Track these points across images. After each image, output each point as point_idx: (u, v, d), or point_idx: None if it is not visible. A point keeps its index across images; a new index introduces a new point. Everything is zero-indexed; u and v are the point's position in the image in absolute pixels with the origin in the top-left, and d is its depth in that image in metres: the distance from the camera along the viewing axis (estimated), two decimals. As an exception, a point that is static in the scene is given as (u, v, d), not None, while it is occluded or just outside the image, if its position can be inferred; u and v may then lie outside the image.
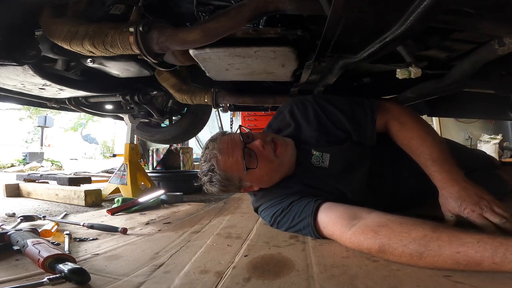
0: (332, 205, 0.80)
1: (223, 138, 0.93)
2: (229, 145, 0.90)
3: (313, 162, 0.96)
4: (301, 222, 0.83)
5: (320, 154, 0.96)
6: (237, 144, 0.90)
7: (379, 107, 0.96)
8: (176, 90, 1.50)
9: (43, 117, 7.02)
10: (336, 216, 0.75)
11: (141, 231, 1.03)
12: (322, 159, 0.95)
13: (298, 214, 0.84)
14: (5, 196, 1.95)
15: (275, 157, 0.90)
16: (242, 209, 1.34)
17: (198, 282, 0.58)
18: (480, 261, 0.51)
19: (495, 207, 0.71)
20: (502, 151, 4.63)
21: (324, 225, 0.78)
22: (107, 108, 1.88)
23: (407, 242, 0.59)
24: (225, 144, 0.90)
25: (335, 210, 0.77)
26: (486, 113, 2.01)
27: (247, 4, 0.75)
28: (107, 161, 5.97)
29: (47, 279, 0.54)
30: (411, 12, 0.54)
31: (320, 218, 0.79)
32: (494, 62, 0.93)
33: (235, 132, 0.98)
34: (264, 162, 0.89)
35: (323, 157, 0.95)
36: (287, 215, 0.87)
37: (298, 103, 1.03)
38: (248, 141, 0.91)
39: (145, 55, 0.83)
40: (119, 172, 1.85)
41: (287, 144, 0.94)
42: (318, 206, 0.80)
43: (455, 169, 0.80)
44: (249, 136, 0.93)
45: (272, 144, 0.91)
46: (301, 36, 0.93)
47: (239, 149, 0.89)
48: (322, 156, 0.95)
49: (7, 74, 1.09)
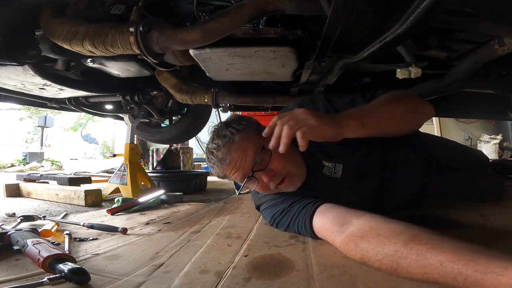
0: (327, 209, 0.78)
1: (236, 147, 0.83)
2: (237, 164, 0.82)
3: (324, 173, 0.92)
4: (299, 225, 0.83)
5: (332, 165, 0.91)
6: (244, 167, 0.82)
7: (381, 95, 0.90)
8: (176, 90, 1.50)
9: (43, 117, 7.02)
10: (328, 221, 0.74)
11: (141, 231, 1.03)
12: (335, 170, 0.91)
13: (296, 216, 0.84)
14: (5, 196, 1.95)
15: (275, 188, 0.85)
16: (242, 209, 1.34)
17: (198, 282, 0.58)
18: (445, 283, 0.49)
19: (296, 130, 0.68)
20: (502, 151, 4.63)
21: (318, 230, 0.78)
22: (107, 108, 1.88)
23: (381, 257, 0.57)
24: (233, 159, 0.82)
25: (328, 215, 0.76)
26: (486, 113, 2.02)
27: (247, 4, 0.75)
28: (107, 161, 5.96)
29: (47, 279, 0.54)
30: (411, 12, 0.54)
31: (315, 222, 0.79)
32: (494, 62, 0.93)
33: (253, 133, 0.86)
34: (260, 189, 0.88)
35: (335, 168, 0.91)
36: (286, 215, 0.87)
37: (308, 101, 0.98)
38: (258, 169, 0.82)
39: (145, 55, 0.83)
40: (119, 172, 1.85)
41: (295, 182, 0.86)
42: (314, 209, 0.80)
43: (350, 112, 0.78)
44: (264, 159, 0.82)
45: (280, 180, 0.83)
46: (301, 36, 0.93)
47: (244, 173, 0.83)
48: (334, 167, 0.91)
49: (7, 74, 1.09)
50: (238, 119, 0.90)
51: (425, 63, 1.12)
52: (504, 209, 1.05)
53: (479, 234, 0.81)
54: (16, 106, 7.50)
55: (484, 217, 0.94)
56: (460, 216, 0.96)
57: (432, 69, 1.15)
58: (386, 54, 0.76)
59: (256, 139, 0.84)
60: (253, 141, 0.84)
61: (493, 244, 0.72)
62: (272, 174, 0.83)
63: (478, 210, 1.01)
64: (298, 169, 0.87)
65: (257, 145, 0.83)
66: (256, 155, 0.82)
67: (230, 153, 0.83)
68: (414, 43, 1.01)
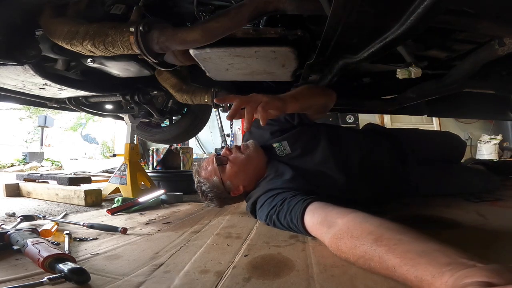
0: (316, 208, 0.80)
1: (204, 160, 1.18)
2: (206, 161, 1.16)
3: (278, 154, 1.14)
4: (292, 224, 0.84)
5: (279, 143, 1.15)
6: (211, 158, 1.14)
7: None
8: (176, 90, 1.49)
9: (43, 117, 7.02)
10: (318, 222, 0.76)
11: (141, 231, 1.03)
12: (283, 147, 1.14)
13: (289, 213, 0.85)
14: (5, 196, 1.95)
15: (240, 153, 1.10)
16: (242, 209, 1.34)
17: (198, 282, 0.58)
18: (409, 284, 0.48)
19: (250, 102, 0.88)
20: (502, 151, 4.63)
21: (309, 229, 0.79)
22: (107, 108, 1.88)
23: (356, 258, 0.59)
24: (204, 162, 1.17)
25: (317, 215, 0.77)
26: (486, 113, 2.02)
27: (247, 4, 0.75)
28: (107, 161, 5.96)
29: (47, 278, 0.54)
30: (411, 12, 0.54)
31: (306, 221, 0.80)
32: (494, 62, 0.93)
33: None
34: (233, 159, 1.09)
35: (282, 145, 1.14)
36: (280, 213, 0.89)
37: None
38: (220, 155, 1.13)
39: (145, 55, 0.83)
40: (119, 172, 1.85)
41: (249, 144, 1.14)
42: (304, 207, 0.81)
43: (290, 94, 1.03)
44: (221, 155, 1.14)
45: (236, 147, 1.14)
46: (301, 36, 0.93)
47: (212, 159, 1.12)
48: (281, 144, 1.15)
49: (7, 74, 1.09)
50: None
51: (425, 63, 1.12)
52: (504, 209, 1.05)
53: (478, 234, 0.81)
54: (16, 106, 7.49)
55: (484, 217, 0.94)
56: (459, 216, 0.97)
57: (432, 69, 1.15)
58: (386, 54, 0.76)
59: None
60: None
61: (492, 244, 0.72)
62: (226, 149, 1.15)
63: (477, 210, 1.01)
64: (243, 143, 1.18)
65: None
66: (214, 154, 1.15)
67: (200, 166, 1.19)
68: (414, 43, 1.01)
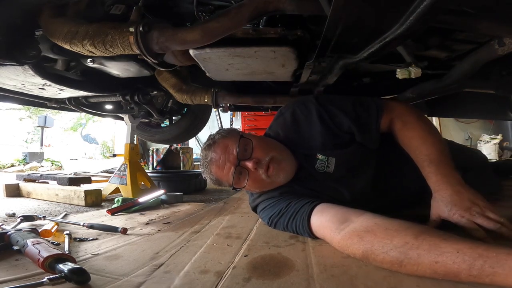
0: (324, 208, 0.79)
1: (218, 145, 0.91)
2: (221, 158, 0.89)
3: (317, 168, 0.94)
4: (297, 224, 0.83)
5: (325, 158, 0.93)
6: (230, 159, 0.88)
7: (383, 107, 0.94)
8: (176, 90, 1.49)
9: (43, 117, 7.02)
10: (326, 220, 0.75)
11: (141, 231, 1.03)
12: (328, 164, 0.93)
13: (294, 216, 0.84)
14: (5, 196, 1.95)
15: (267, 177, 0.88)
16: (242, 209, 1.34)
17: (198, 282, 0.58)
18: (457, 272, 0.49)
19: (488, 212, 0.68)
20: (502, 151, 4.63)
21: (316, 229, 0.79)
22: (107, 108, 1.88)
23: (388, 249, 0.58)
24: (218, 155, 0.89)
25: (326, 213, 0.77)
26: (486, 113, 2.02)
27: (247, 4, 0.75)
28: (107, 161, 5.96)
29: (47, 279, 0.54)
30: (411, 12, 0.54)
31: (312, 221, 0.79)
32: (494, 62, 0.93)
33: (235, 132, 0.95)
34: (253, 181, 0.89)
35: (328, 161, 0.93)
36: (283, 215, 0.88)
37: (300, 105, 0.99)
38: (243, 157, 0.87)
39: (145, 55, 0.83)
40: (119, 172, 1.85)
41: (282, 167, 0.90)
42: (311, 209, 0.81)
43: (451, 172, 0.77)
44: (246, 150, 0.88)
45: (266, 166, 0.87)
46: (301, 36, 0.93)
47: (231, 165, 0.88)
48: (327, 160, 0.93)
49: (7, 74, 1.09)
50: (222, 131, 0.98)
51: (425, 63, 1.12)
52: (504, 209, 1.05)
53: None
54: (16, 106, 7.50)
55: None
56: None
57: (432, 69, 1.15)
58: (386, 54, 0.76)
59: (237, 136, 0.91)
60: (234, 138, 0.90)
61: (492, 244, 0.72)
62: (257, 160, 0.87)
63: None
64: (281, 155, 0.92)
65: (237, 138, 0.90)
66: (237, 145, 0.88)
67: (214, 150, 0.91)
68: (414, 43, 1.01)
